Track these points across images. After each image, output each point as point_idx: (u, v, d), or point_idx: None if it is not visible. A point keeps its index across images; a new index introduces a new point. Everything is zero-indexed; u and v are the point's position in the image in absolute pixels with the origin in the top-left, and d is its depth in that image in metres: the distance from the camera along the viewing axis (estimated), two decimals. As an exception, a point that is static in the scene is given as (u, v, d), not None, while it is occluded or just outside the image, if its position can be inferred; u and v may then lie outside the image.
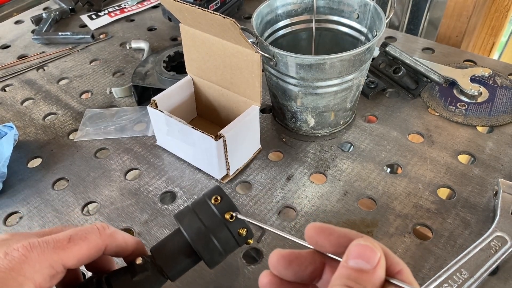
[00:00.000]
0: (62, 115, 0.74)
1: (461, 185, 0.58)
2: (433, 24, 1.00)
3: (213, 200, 0.33)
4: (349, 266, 0.25)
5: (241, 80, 0.58)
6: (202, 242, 0.32)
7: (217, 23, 0.51)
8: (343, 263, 0.25)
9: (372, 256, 0.24)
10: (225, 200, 0.33)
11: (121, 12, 1.01)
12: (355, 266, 0.24)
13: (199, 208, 0.33)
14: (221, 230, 0.32)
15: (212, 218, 0.32)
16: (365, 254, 0.25)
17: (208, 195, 0.33)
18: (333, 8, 0.67)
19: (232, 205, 0.33)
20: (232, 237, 0.33)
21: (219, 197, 0.33)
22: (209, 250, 0.32)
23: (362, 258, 0.24)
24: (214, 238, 0.32)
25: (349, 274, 0.24)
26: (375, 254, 0.25)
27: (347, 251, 0.25)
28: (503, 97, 0.70)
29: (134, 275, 0.31)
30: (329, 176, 0.60)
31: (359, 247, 0.25)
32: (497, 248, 0.48)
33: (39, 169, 0.65)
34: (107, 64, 0.85)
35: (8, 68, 0.86)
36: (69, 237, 0.30)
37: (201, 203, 0.33)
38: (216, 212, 0.32)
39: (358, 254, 0.25)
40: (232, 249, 0.34)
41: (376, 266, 0.24)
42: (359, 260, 0.24)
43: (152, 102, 0.60)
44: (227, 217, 0.32)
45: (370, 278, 0.24)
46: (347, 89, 0.60)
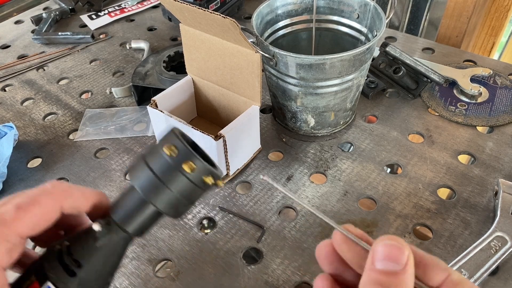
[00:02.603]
0: (62, 115, 0.74)
1: (461, 185, 0.58)
2: (433, 24, 1.00)
3: (168, 151, 0.28)
4: (377, 269, 0.23)
5: (241, 80, 0.58)
6: (157, 196, 0.29)
7: (217, 23, 0.51)
8: (370, 266, 0.24)
9: (400, 256, 0.23)
10: (182, 150, 0.28)
11: (121, 12, 1.01)
12: (383, 269, 0.23)
13: (151, 159, 0.29)
14: (178, 183, 0.28)
15: (166, 170, 0.28)
16: (392, 254, 0.23)
17: (162, 143, 0.29)
18: (333, 8, 0.67)
19: (189, 154, 0.28)
20: (193, 187, 0.29)
21: (174, 147, 0.28)
22: (167, 203, 0.29)
23: (389, 259, 0.23)
24: (170, 190, 0.29)
25: (377, 279, 0.23)
26: (403, 253, 0.23)
27: (372, 253, 0.24)
28: (503, 97, 0.70)
29: (96, 240, 0.29)
30: (329, 176, 0.60)
31: (385, 247, 0.23)
32: (497, 248, 0.48)
33: (39, 169, 0.64)
34: (107, 64, 0.85)
35: (8, 68, 0.86)
36: (16, 206, 0.27)
37: (154, 153, 0.29)
38: (171, 163, 0.28)
39: (385, 255, 0.23)
40: (195, 198, 0.30)
41: (405, 266, 0.23)
42: (387, 261, 0.23)
43: (152, 102, 0.60)
44: (186, 169, 0.28)
45: (400, 280, 0.23)
46: (347, 89, 0.60)
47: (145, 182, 0.29)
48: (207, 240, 0.54)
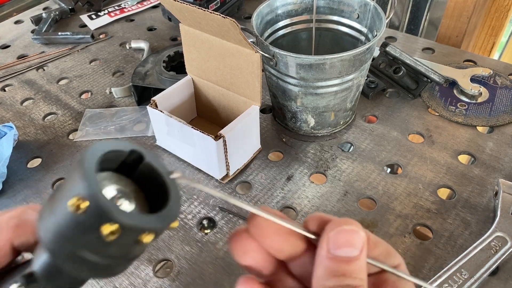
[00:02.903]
0: (62, 115, 0.74)
1: (461, 185, 0.58)
2: (433, 24, 1.00)
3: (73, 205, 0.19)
4: (334, 257, 0.21)
5: (241, 80, 0.58)
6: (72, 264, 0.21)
7: (217, 23, 0.51)
8: (326, 254, 0.21)
9: (357, 239, 0.21)
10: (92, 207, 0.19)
11: (121, 12, 1.01)
12: (340, 256, 0.21)
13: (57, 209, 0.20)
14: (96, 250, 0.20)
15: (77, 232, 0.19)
16: (349, 239, 0.21)
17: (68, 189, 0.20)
18: (333, 8, 0.67)
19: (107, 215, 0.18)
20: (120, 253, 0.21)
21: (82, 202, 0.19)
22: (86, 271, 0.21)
23: (347, 245, 0.21)
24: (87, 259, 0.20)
25: (335, 268, 0.21)
26: (359, 236, 0.21)
27: (327, 239, 0.21)
28: (503, 97, 0.70)
29: None
30: (329, 176, 0.60)
31: (342, 233, 0.21)
32: (497, 248, 0.48)
33: (39, 169, 0.64)
34: (107, 64, 0.85)
35: (8, 68, 0.86)
36: None
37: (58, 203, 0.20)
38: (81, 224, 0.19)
39: (342, 241, 0.21)
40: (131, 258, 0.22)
41: (362, 249, 0.21)
42: (345, 248, 0.21)
43: (152, 102, 0.60)
44: (106, 233, 0.19)
45: (358, 265, 0.21)
46: (347, 89, 0.60)
47: (55, 244, 0.20)
48: (207, 240, 0.54)
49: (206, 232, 0.55)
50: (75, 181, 0.19)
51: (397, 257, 0.24)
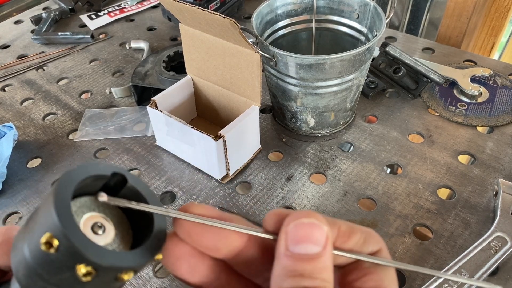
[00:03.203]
0: (61, 115, 0.74)
1: (461, 186, 0.58)
2: (433, 24, 1.00)
3: (45, 244, 0.17)
4: (293, 255, 0.19)
5: (241, 80, 0.58)
6: None
7: (217, 23, 0.51)
8: (284, 252, 0.19)
9: (319, 234, 0.19)
10: (65, 246, 0.17)
11: (120, 12, 1.01)
12: (300, 253, 0.19)
13: (29, 244, 0.18)
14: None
15: (51, 270, 0.18)
16: (310, 234, 0.19)
17: (39, 225, 0.18)
18: (333, 8, 0.67)
19: (80, 255, 0.17)
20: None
21: (54, 241, 0.17)
22: None
23: (307, 241, 0.19)
24: None
25: (295, 267, 0.18)
26: (322, 230, 0.19)
27: (285, 233, 0.19)
28: (503, 97, 0.70)
29: None
30: (329, 177, 0.60)
31: (301, 227, 0.19)
32: (497, 248, 0.48)
33: (39, 169, 0.64)
34: (107, 64, 0.85)
35: (7, 68, 0.86)
36: None
37: (31, 239, 0.18)
38: (55, 263, 0.18)
39: (301, 236, 0.19)
40: None
41: (325, 245, 0.19)
42: (304, 244, 0.19)
43: (152, 102, 0.60)
44: (81, 273, 0.18)
45: (322, 263, 0.19)
46: (347, 89, 0.60)
47: (24, 278, 0.19)
48: (207, 241, 0.54)
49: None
50: (48, 214, 0.18)
51: (377, 242, 0.22)
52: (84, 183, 0.19)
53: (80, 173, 0.19)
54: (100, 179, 0.20)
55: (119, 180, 0.21)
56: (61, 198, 0.18)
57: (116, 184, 0.21)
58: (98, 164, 0.20)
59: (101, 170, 0.20)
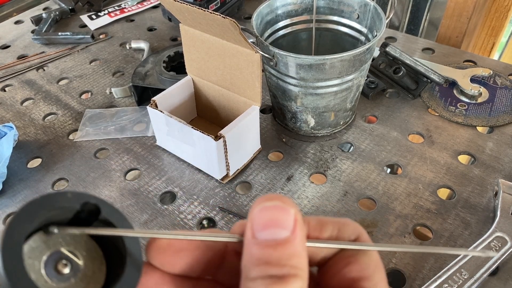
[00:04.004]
0: (62, 115, 0.74)
1: (461, 186, 0.58)
2: (433, 25, 1.00)
3: None
4: (259, 241, 0.17)
5: (241, 80, 0.58)
6: None
7: (217, 23, 0.51)
8: (250, 240, 0.18)
9: (285, 218, 0.17)
10: None
11: (121, 12, 1.01)
12: (267, 239, 0.17)
13: None
14: None
15: None
16: (275, 218, 0.17)
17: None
18: (333, 8, 0.67)
19: None
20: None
21: None
22: None
23: (273, 226, 0.17)
24: None
25: (262, 255, 0.17)
26: (288, 213, 0.18)
27: (250, 221, 0.18)
28: (503, 98, 0.70)
29: None
30: (329, 177, 0.60)
31: (264, 211, 0.18)
32: (497, 248, 0.48)
33: (39, 169, 0.64)
34: (107, 64, 0.85)
35: (8, 68, 0.86)
36: None
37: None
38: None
39: (266, 221, 0.17)
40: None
41: (294, 229, 0.18)
42: (270, 229, 0.17)
43: (152, 102, 0.60)
44: None
45: (292, 249, 0.17)
46: (347, 89, 0.60)
47: None
48: (207, 240, 0.54)
49: (206, 232, 0.55)
50: None
51: (353, 230, 0.20)
52: (49, 216, 0.18)
53: (43, 205, 0.17)
54: (69, 211, 0.19)
55: (92, 211, 0.19)
56: (12, 239, 0.16)
57: (89, 216, 0.19)
58: (66, 193, 0.18)
59: (68, 201, 0.18)
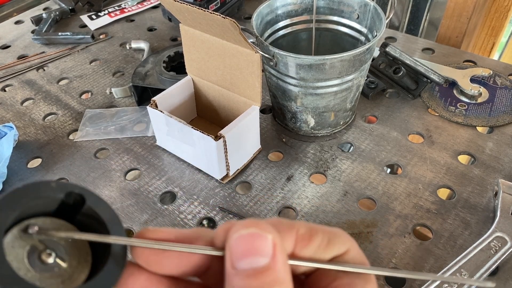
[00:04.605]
0: (62, 115, 0.74)
1: (461, 186, 0.58)
2: (433, 25, 1.00)
3: None
4: (240, 271, 0.17)
5: (241, 80, 0.58)
6: None
7: (217, 23, 0.51)
8: (230, 271, 0.17)
9: (263, 244, 0.17)
10: None
11: (121, 12, 1.01)
12: (247, 269, 0.17)
13: None
14: None
15: None
16: (253, 246, 0.17)
17: None
18: (333, 8, 0.67)
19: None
20: None
21: None
22: None
23: (252, 254, 0.17)
24: None
25: (244, 285, 0.17)
26: (265, 239, 0.17)
27: (228, 251, 0.18)
28: (503, 98, 0.70)
29: None
30: (329, 177, 0.60)
31: (241, 240, 0.18)
32: (497, 248, 0.48)
33: (39, 169, 0.64)
34: (107, 64, 0.85)
35: (8, 68, 0.86)
36: None
37: None
38: None
39: (244, 250, 0.17)
40: None
41: (274, 255, 0.17)
42: (250, 257, 0.17)
43: (152, 102, 0.60)
44: None
45: (274, 275, 0.17)
46: (347, 89, 0.60)
47: None
48: (207, 240, 0.54)
49: (206, 232, 0.55)
50: None
51: (343, 242, 0.20)
52: (33, 204, 0.18)
53: (26, 194, 0.17)
54: (54, 200, 0.19)
55: (77, 201, 0.19)
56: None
57: (74, 205, 0.19)
58: (50, 183, 0.18)
59: (52, 190, 0.18)
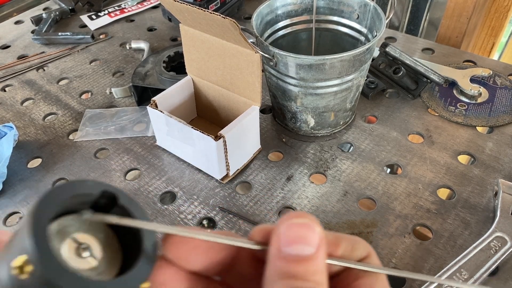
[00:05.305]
0: (62, 115, 0.74)
1: (461, 186, 0.58)
2: (433, 25, 1.00)
3: (17, 271, 0.16)
4: (285, 256, 0.18)
5: (241, 80, 0.58)
6: None
7: (217, 23, 0.51)
8: (276, 253, 0.18)
9: (311, 235, 0.18)
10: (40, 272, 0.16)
11: (121, 12, 1.01)
12: (292, 254, 0.18)
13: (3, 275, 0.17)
14: None
15: None
16: (301, 235, 0.18)
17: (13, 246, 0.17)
18: (333, 8, 0.67)
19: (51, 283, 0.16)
20: None
21: (28, 264, 0.16)
22: None
23: (299, 242, 0.18)
24: None
25: (287, 269, 0.18)
26: (314, 231, 0.18)
27: (277, 235, 0.19)
28: (503, 98, 0.70)
29: None
30: (329, 177, 0.60)
31: (292, 228, 0.18)
32: (497, 248, 0.48)
33: (39, 169, 0.65)
34: (107, 64, 0.85)
35: (8, 68, 0.86)
36: None
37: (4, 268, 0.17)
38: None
39: (293, 237, 0.18)
40: None
41: (318, 247, 0.18)
42: (296, 244, 0.18)
43: (152, 102, 0.60)
44: None
45: (315, 266, 0.18)
46: (347, 89, 0.60)
47: None
48: (207, 240, 0.54)
49: (206, 232, 0.55)
50: (22, 236, 0.16)
51: (364, 247, 0.21)
52: (70, 202, 0.18)
53: (64, 191, 0.18)
54: (89, 198, 0.19)
55: (110, 199, 0.20)
56: (38, 219, 0.16)
57: (107, 204, 0.20)
58: (86, 181, 0.19)
59: (88, 188, 0.19)
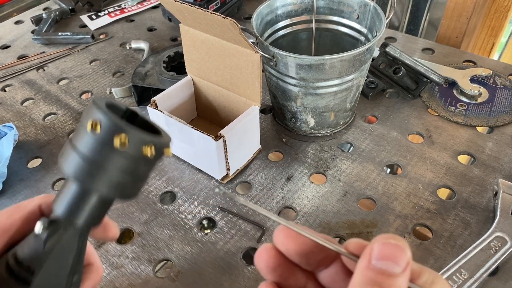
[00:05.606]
0: (62, 115, 0.74)
1: (461, 186, 0.58)
2: (433, 25, 1.00)
3: (91, 127, 0.24)
4: (374, 267, 0.21)
5: (241, 80, 0.58)
6: (94, 181, 0.25)
7: (217, 23, 0.51)
8: (367, 264, 0.21)
9: (401, 257, 0.21)
10: (106, 123, 0.24)
11: (121, 12, 1.01)
12: (381, 268, 0.21)
13: (78, 139, 0.25)
14: (112, 161, 0.24)
15: (95, 149, 0.24)
16: (393, 254, 0.21)
17: (85, 119, 0.25)
18: (333, 8, 0.67)
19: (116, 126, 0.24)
20: (131, 162, 0.25)
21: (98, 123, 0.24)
22: (107, 186, 0.25)
23: (389, 259, 0.21)
24: (105, 171, 0.25)
25: (374, 278, 0.21)
26: (405, 254, 0.21)
27: (371, 250, 0.21)
28: (503, 98, 0.70)
29: (42, 242, 0.26)
30: (329, 177, 0.60)
31: (386, 246, 0.21)
32: (497, 248, 0.48)
33: (39, 169, 0.65)
34: (107, 64, 0.85)
35: (8, 68, 0.86)
36: None
37: (79, 133, 0.25)
38: (98, 140, 0.24)
39: (385, 254, 0.21)
40: (141, 173, 0.26)
41: (405, 269, 0.21)
42: (386, 261, 0.21)
43: (152, 102, 0.60)
44: (117, 144, 0.24)
45: (398, 284, 0.21)
46: (347, 89, 0.60)
47: (76, 168, 0.25)
48: (207, 241, 0.54)
49: (206, 232, 0.55)
50: (89, 110, 0.25)
51: (442, 285, 0.23)
52: (109, 107, 0.25)
53: (106, 100, 0.26)
54: (117, 111, 0.27)
55: (130, 115, 0.28)
56: (98, 101, 0.25)
57: (129, 118, 0.28)
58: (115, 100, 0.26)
59: (118, 103, 0.27)
